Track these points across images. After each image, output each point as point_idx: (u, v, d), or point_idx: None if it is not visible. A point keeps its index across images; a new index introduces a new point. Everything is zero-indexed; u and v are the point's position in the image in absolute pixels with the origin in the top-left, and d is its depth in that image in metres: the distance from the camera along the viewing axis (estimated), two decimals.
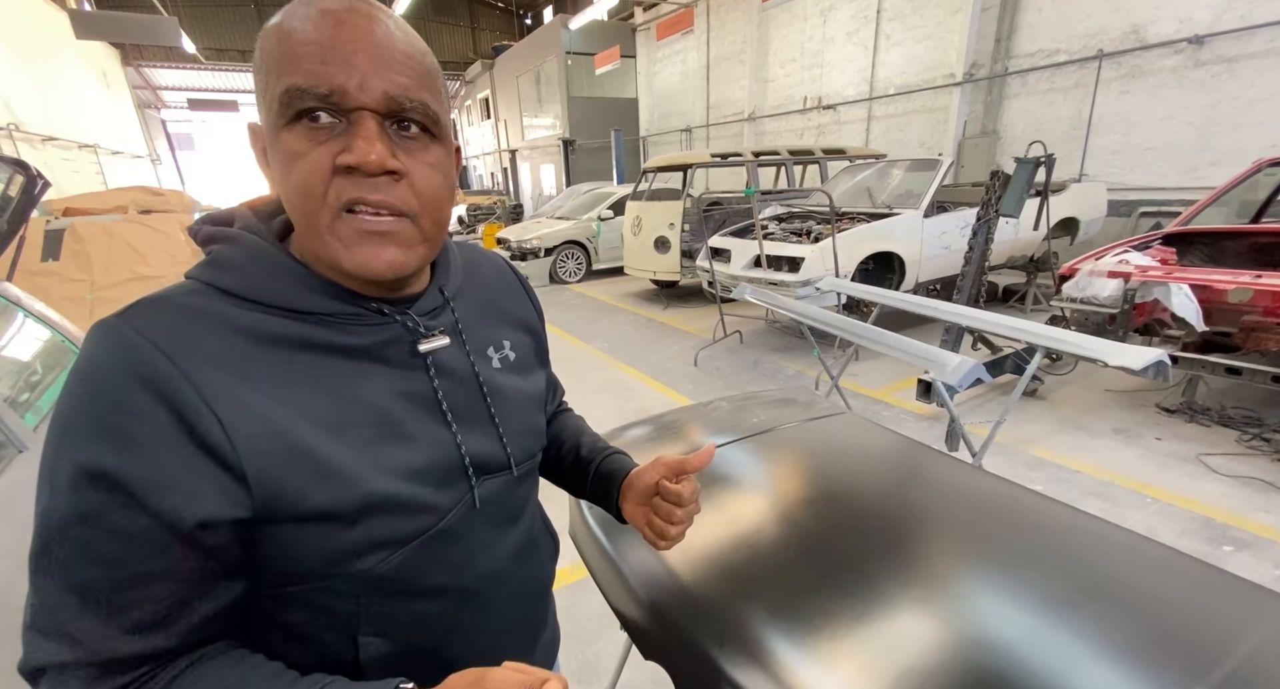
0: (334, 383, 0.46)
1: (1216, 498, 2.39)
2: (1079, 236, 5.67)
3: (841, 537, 0.90)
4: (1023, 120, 7.11)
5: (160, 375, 0.40)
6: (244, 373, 0.42)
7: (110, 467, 0.38)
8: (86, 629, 0.38)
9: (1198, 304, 2.84)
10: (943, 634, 0.70)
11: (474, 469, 0.53)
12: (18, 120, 8.10)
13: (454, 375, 0.53)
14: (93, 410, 0.39)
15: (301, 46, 0.41)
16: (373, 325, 0.48)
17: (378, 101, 0.42)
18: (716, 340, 4.64)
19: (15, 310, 1.80)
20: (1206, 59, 5.52)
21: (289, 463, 0.42)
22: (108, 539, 0.38)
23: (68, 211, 4.05)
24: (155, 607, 0.40)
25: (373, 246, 0.44)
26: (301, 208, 0.43)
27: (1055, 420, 3.16)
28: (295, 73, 0.41)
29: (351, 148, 0.41)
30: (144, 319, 0.42)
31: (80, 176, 10.21)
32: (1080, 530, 0.90)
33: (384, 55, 0.42)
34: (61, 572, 0.38)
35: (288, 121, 0.42)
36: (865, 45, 8.82)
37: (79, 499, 0.38)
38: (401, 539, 0.48)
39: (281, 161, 0.43)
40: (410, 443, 0.48)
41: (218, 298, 0.44)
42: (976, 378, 1.81)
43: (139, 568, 0.39)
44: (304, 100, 0.41)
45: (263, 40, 0.43)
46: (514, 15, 26.64)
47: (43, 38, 9.80)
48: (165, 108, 20.26)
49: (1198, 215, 3.66)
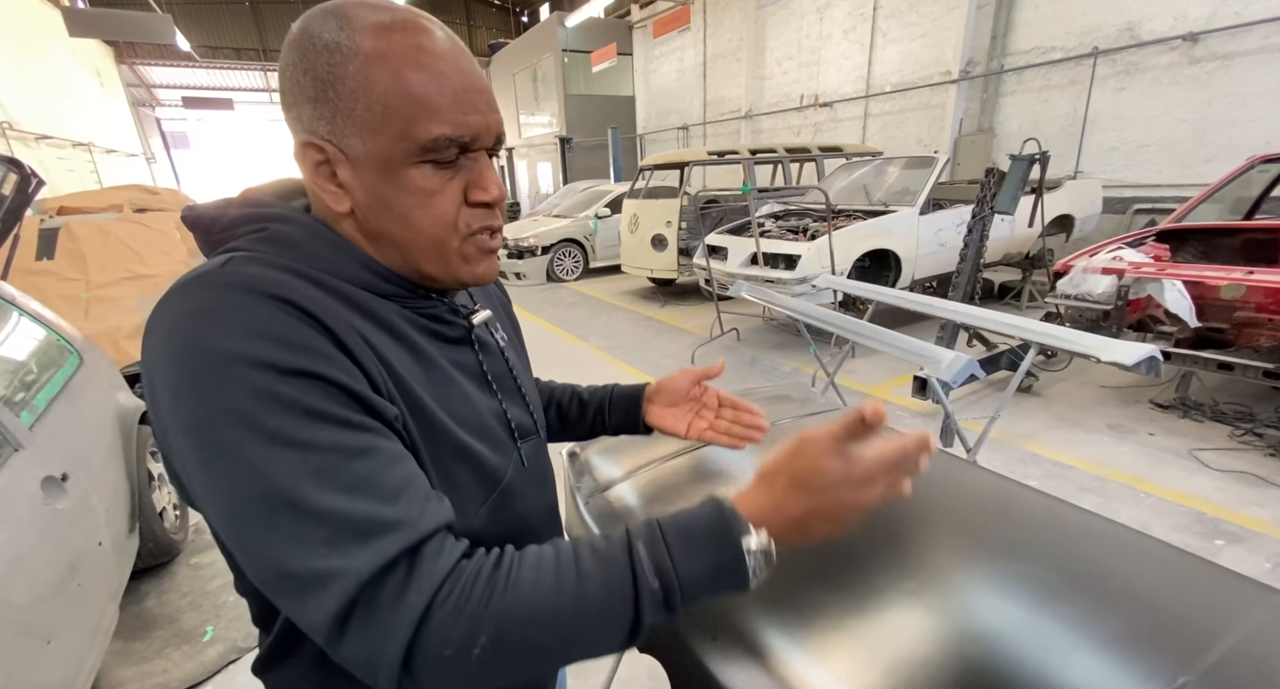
0: (417, 347, 0.49)
1: (1209, 492, 2.41)
2: (1074, 233, 5.70)
3: None
4: (1019, 117, 7.13)
5: (304, 303, 0.40)
6: (355, 328, 0.44)
7: (307, 365, 0.38)
8: (392, 510, 0.37)
9: (1191, 300, 2.86)
10: (935, 626, 0.70)
11: (517, 432, 0.58)
12: (11, 119, 8.05)
13: (489, 349, 0.59)
14: (254, 330, 0.37)
15: (437, 93, 0.43)
16: (428, 307, 0.53)
17: (493, 141, 0.48)
18: (713, 338, 4.65)
19: (10, 309, 1.80)
20: (1201, 56, 5.54)
21: (408, 410, 0.45)
22: (348, 432, 0.38)
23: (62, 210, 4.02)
24: (425, 482, 0.42)
25: (488, 261, 0.52)
26: (434, 236, 0.47)
27: (1050, 416, 3.17)
28: (442, 122, 0.43)
29: (485, 186, 0.48)
30: (256, 266, 0.42)
31: (75, 175, 10.15)
32: (1071, 524, 0.91)
33: (490, 97, 0.47)
34: (327, 480, 0.36)
35: (415, 162, 0.45)
36: (862, 42, 8.83)
37: (302, 406, 0.37)
38: (484, 494, 0.53)
39: (405, 195, 0.45)
40: (473, 406, 0.53)
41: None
42: (971, 374, 1.83)
43: (389, 451, 0.40)
44: (450, 148, 0.45)
45: (359, 61, 0.42)
46: (510, 13, 26.54)
47: (36, 35, 9.73)
48: (160, 106, 20.14)
49: (1191, 212, 3.68)
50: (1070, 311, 3.31)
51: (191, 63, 18.88)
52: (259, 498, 0.36)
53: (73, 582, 1.37)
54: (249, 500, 0.36)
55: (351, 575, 0.35)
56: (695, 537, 0.42)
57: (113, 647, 1.74)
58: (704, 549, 0.42)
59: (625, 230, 6.51)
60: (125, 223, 3.72)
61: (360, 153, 0.44)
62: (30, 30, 9.55)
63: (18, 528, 1.28)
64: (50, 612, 1.28)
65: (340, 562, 0.35)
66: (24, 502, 1.33)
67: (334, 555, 0.35)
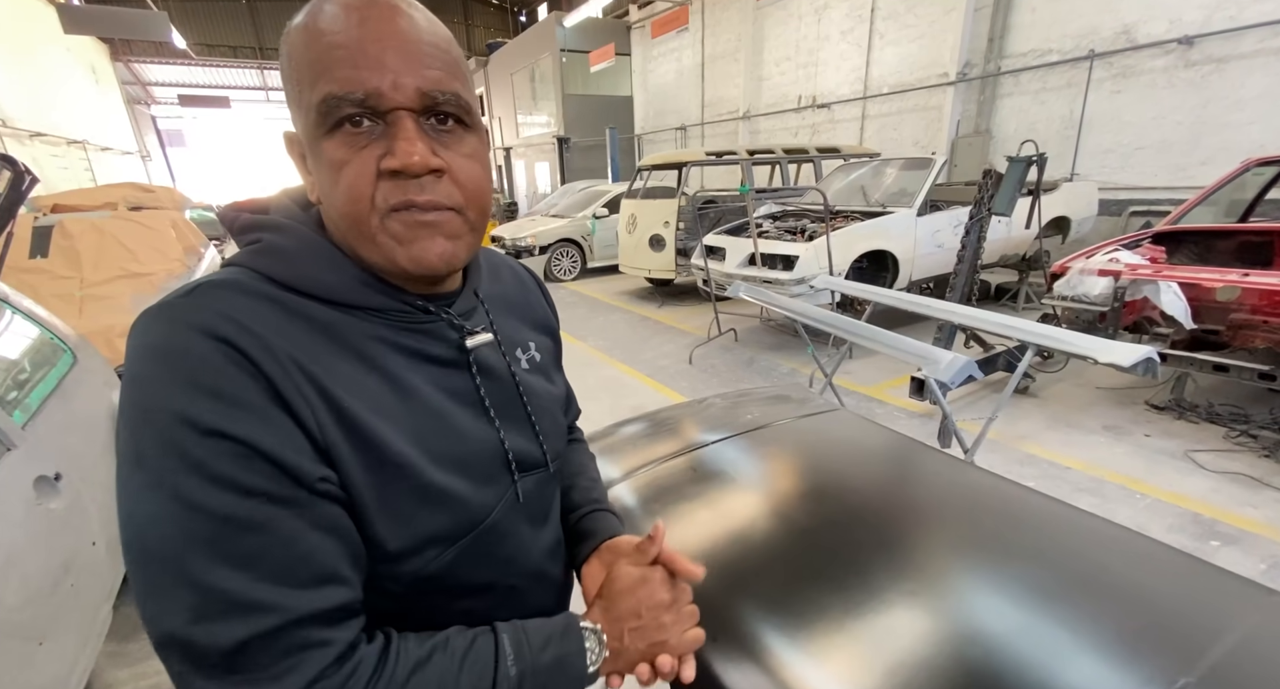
0: (391, 374, 0.46)
1: (1204, 493, 2.42)
2: (1071, 235, 5.72)
3: (833, 531, 0.90)
4: (1015, 119, 7.15)
5: (245, 343, 0.39)
6: (315, 358, 0.42)
7: (225, 425, 0.36)
8: (269, 592, 0.36)
9: (1186, 302, 2.87)
10: (933, 627, 0.70)
11: (516, 465, 0.54)
12: (5, 116, 8.01)
13: (492, 373, 0.54)
14: (185, 379, 0.37)
15: (331, 51, 0.40)
16: (420, 322, 0.49)
17: (413, 99, 0.42)
18: (711, 338, 4.65)
19: (4, 307, 1.78)
20: (1196, 59, 5.57)
21: (353, 449, 0.42)
22: (241, 502, 0.36)
23: (56, 208, 4.00)
24: (322, 561, 0.39)
25: (424, 239, 0.44)
26: (350, 213, 0.43)
27: (1047, 417, 3.18)
28: (329, 80, 0.40)
29: (394, 151, 0.41)
30: (215, 298, 0.41)
31: (69, 173, 10.10)
32: (1069, 524, 0.91)
33: (413, 50, 0.42)
34: (210, 549, 0.36)
35: (328, 130, 0.41)
36: (859, 44, 8.84)
37: (207, 470, 0.36)
38: (453, 535, 0.48)
39: (325, 170, 0.43)
40: (460, 438, 0.49)
41: (269, 286, 0.44)
42: (969, 375, 1.83)
43: (287, 526, 0.38)
44: (341, 108, 0.40)
45: (288, 45, 0.42)
46: (508, 12, 26.52)
47: (30, 32, 9.68)
48: (155, 104, 20.05)
49: (1187, 214, 3.69)
50: (1067, 313, 3.32)
51: (188, 60, 18.80)
52: (146, 547, 0.36)
53: (66, 582, 1.36)
54: (140, 545, 0.37)
55: (201, 649, 0.35)
56: (550, 637, 0.49)
57: (106, 647, 1.73)
58: (552, 645, 0.48)
59: (623, 230, 6.50)
60: (120, 221, 3.70)
61: (301, 133, 0.44)
62: (25, 27, 9.50)
63: (10, 528, 1.26)
64: (43, 612, 1.26)
65: (197, 633, 0.35)
66: (16, 501, 1.32)
67: (193, 625, 0.35)
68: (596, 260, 8.09)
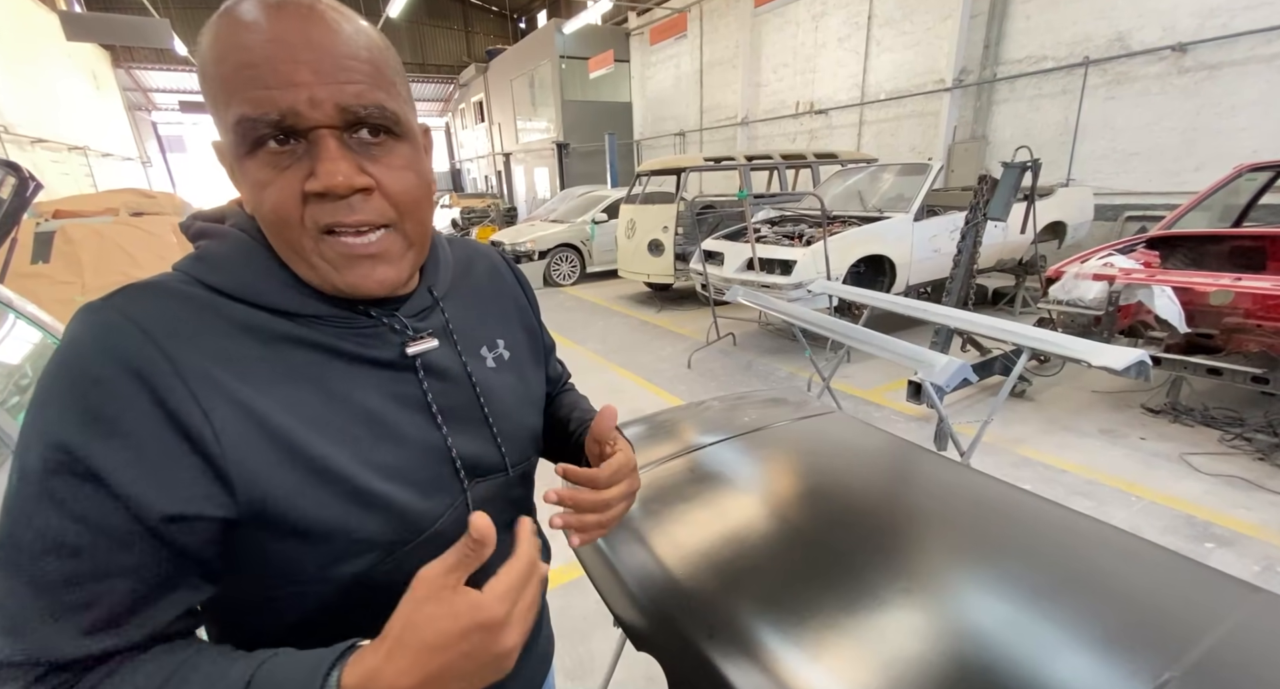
0: (324, 381, 0.45)
1: (1199, 496, 2.43)
2: (1066, 240, 5.75)
3: (829, 531, 0.92)
4: (1011, 125, 7.20)
5: (144, 360, 0.38)
6: (233, 364, 0.41)
7: (80, 448, 0.36)
8: (34, 626, 0.35)
9: (1180, 306, 2.90)
10: (926, 625, 0.72)
11: (466, 471, 0.51)
12: (7, 122, 8.04)
13: (445, 376, 0.52)
14: (70, 391, 0.37)
15: (240, 69, 0.38)
16: (361, 327, 0.47)
17: (333, 116, 0.40)
18: (710, 343, 4.67)
19: (6, 312, 1.80)
20: (1190, 66, 5.62)
21: (277, 460, 0.41)
22: (69, 527, 0.35)
23: (58, 214, 4.02)
24: (112, 606, 0.36)
25: (363, 268, 0.43)
26: (280, 235, 0.42)
27: (1043, 421, 3.20)
28: (240, 101, 0.38)
29: (317, 172, 0.40)
30: (131, 304, 0.40)
31: (70, 179, 10.12)
32: (1058, 523, 0.92)
33: (329, 63, 0.39)
34: (15, 560, 0.35)
35: (248, 150, 0.40)
36: (857, 51, 8.91)
37: (46, 482, 0.36)
38: (391, 542, 0.46)
39: (249, 189, 0.42)
40: (400, 444, 0.47)
41: (203, 291, 0.43)
42: (964, 378, 1.84)
43: (98, 561, 0.36)
44: (257, 129, 0.39)
45: (198, 59, 0.40)
46: (508, 19, 26.68)
47: (32, 39, 9.73)
48: (156, 110, 20.13)
49: (1181, 219, 3.72)
50: (1062, 317, 3.34)
51: (188, 67, 18.86)
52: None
53: None
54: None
55: None
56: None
57: None
58: None
59: (622, 235, 6.53)
60: (120, 226, 3.72)
61: (226, 149, 0.42)
62: (26, 34, 9.55)
63: None
64: None
65: None
66: None
67: None
68: (595, 265, 8.11)
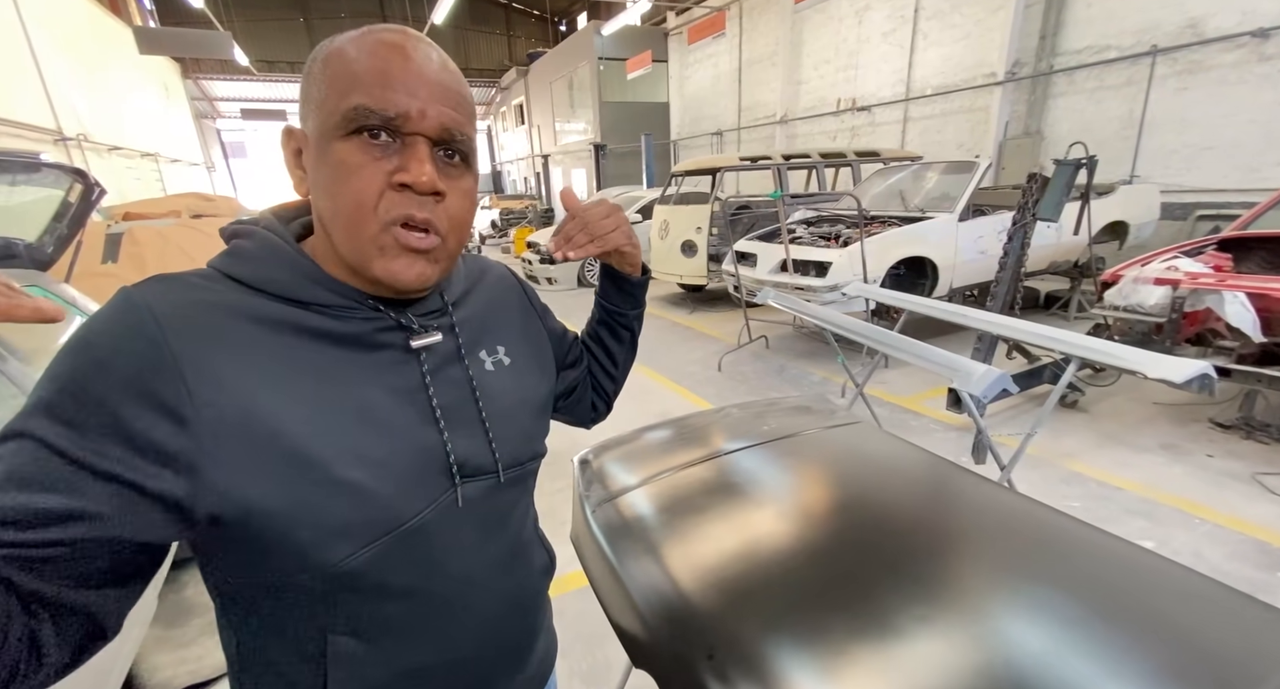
0: (323, 368, 0.47)
1: (1272, 520, 2.23)
2: (1129, 241, 5.41)
3: (843, 551, 0.88)
4: (1069, 120, 6.83)
5: (145, 336, 0.41)
6: (227, 345, 0.44)
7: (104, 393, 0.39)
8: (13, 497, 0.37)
9: (1255, 313, 2.67)
10: (942, 654, 0.67)
11: (458, 469, 0.53)
12: (86, 131, 8.66)
13: (446, 375, 0.54)
14: (71, 365, 0.40)
15: (372, 71, 0.45)
16: (371, 319, 0.51)
17: (433, 130, 0.47)
18: (741, 345, 4.60)
19: (72, 310, 1.93)
20: (1272, 53, 5.20)
21: (254, 441, 0.43)
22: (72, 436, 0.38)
23: (127, 216, 4.30)
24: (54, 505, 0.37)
25: (408, 259, 0.48)
26: (350, 214, 0.46)
27: (1096, 434, 3.01)
28: (363, 93, 0.44)
29: (408, 168, 0.46)
30: (150, 289, 0.44)
31: (142, 183, 10.84)
32: (1105, 553, 0.85)
33: (441, 90, 0.47)
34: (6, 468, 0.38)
35: (345, 133, 0.45)
36: (902, 45, 8.63)
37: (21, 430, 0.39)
38: (368, 533, 0.47)
39: (331, 168, 0.46)
40: (390, 435, 0.49)
41: (227, 283, 0.47)
42: (1003, 388, 1.75)
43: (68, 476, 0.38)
44: (369, 119, 0.44)
45: (325, 56, 0.47)
46: (549, 22, 27.06)
47: (109, 54, 10.46)
48: (220, 118, 21.37)
49: (1259, 219, 3.44)
50: (1119, 324, 3.13)
51: (249, 76, 19.93)
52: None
53: None
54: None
55: None
56: None
57: (151, 632, 1.83)
58: None
59: (655, 236, 6.51)
60: (181, 228, 3.95)
61: (311, 130, 0.47)
62: (104, 49, 10.28)
63: None
64: None
65: None
66: None
67: None
68: None
